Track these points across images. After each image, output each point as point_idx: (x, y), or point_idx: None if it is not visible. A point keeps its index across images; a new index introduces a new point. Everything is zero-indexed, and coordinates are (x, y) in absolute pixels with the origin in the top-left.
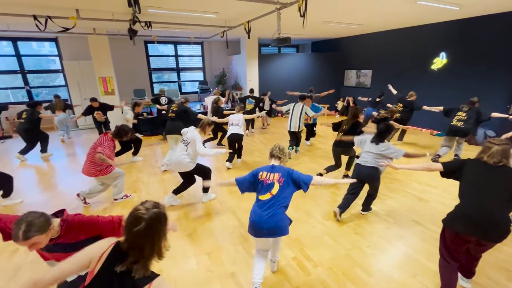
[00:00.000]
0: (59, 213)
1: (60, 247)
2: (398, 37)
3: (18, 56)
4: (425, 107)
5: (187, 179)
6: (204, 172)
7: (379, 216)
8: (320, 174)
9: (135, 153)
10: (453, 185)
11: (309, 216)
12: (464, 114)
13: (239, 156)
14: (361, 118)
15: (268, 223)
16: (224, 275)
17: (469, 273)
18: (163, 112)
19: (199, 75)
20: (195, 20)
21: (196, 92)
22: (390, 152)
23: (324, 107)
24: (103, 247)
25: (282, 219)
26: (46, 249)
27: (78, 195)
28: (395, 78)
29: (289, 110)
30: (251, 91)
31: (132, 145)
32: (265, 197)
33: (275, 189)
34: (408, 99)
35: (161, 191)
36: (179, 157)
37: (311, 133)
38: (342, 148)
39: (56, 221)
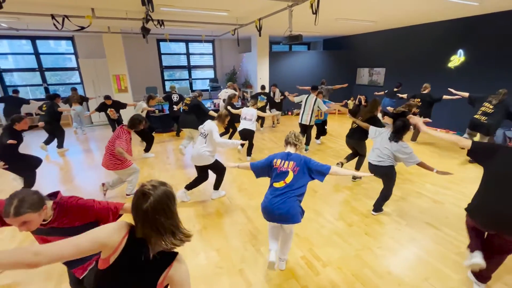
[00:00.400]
0: (53, 196)
1: (57, 232)
2: (413, 33)
3: (37, 54)
4: (446, 96)
5: (202, 174)
6: (220, 168)
7: (391, 217)
8: (341, 164)
9: (147, 149)
10: (469, 187)
11: (319, 215)
12: (491, 107)
13: (249, 154)
14: (379, 110)
15: (280, 209)
16: (232, 271)
17: (484, 278)
18: (175, 109)
19: (209, 73)
20: (207, 18)
21: (207, 90)
22: (406, 156)
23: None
24: (118, 236)
25: (294, 206)
26: (44, 233)
27: (103, 184)
28: (410, 76)
29: (301, 101)
30: (263, 87)
31: (145, 141)
32: (279, 184)
33: (289, 178)
34: (424, 92)
35: (172, 187)
36: (199, 150)
37: (321, 131)
38: (354, 140)
39: (49, 203)
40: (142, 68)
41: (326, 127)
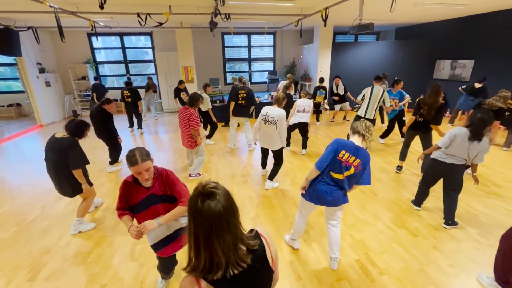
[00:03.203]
0: None
1: (157, 198)
2: None
3: (123, 48)
4: None
5: (279, 158)
6: (281, 158)
7: (468, 234)
8: (401, 168)
9: (209, 136)
10: None
11: (377, 220)
12: None
13: (305, 147)
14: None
15: (334, 194)
16: (282, 262)
17: None
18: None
19: (268, 65)
20: (271, 9)
21: (265, 82)
22: (480, 152)
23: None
24: None
25: (344, 193)
26: (146, 203)
27: (190, 175)
28: (507, 71)
29: (363, 97)
30: (321, 80)
31: (210, 127)
32: (339, 176)
33: (349, 173)
34: None
35: (229, 174)
36: (273, 135)
37: (401, 125)
38: (421, 132)
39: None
40: (207, 60)
41: (404, 118)
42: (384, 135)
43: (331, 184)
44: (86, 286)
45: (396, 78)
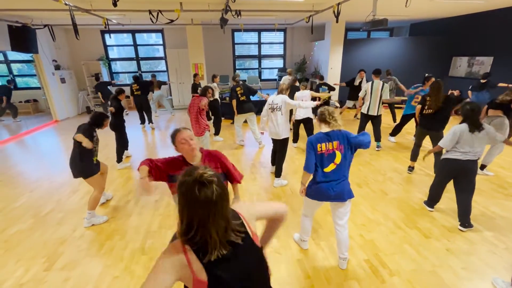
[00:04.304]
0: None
1: None
2: None
3: (135, 45)
4: None
5: (282, 150)
6: (286, 147)
7: (483, 237)
8: (413, 168)
9: (216, 133)
10: None
11: (388, 220)
12: None
13: None
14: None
15: (336, 188)
16: (291, 260)
17: None
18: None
19: (278, 63)
20: (282, 5)
21: (275, 80)
22: (494, 134)
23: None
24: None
25: (347, 183)
26: None
27: None
28: None
29: (365, 93)
30: (321, 78)
31: (213, 124)
32: (330, 168)
33: (337, 159)
34: None
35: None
36: (280, 123)
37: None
38: (433, 132)
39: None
40: (217, 57)
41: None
42: (394, 132)
43: (330, 180)
44: (99, 277)
45: (426, 75)
